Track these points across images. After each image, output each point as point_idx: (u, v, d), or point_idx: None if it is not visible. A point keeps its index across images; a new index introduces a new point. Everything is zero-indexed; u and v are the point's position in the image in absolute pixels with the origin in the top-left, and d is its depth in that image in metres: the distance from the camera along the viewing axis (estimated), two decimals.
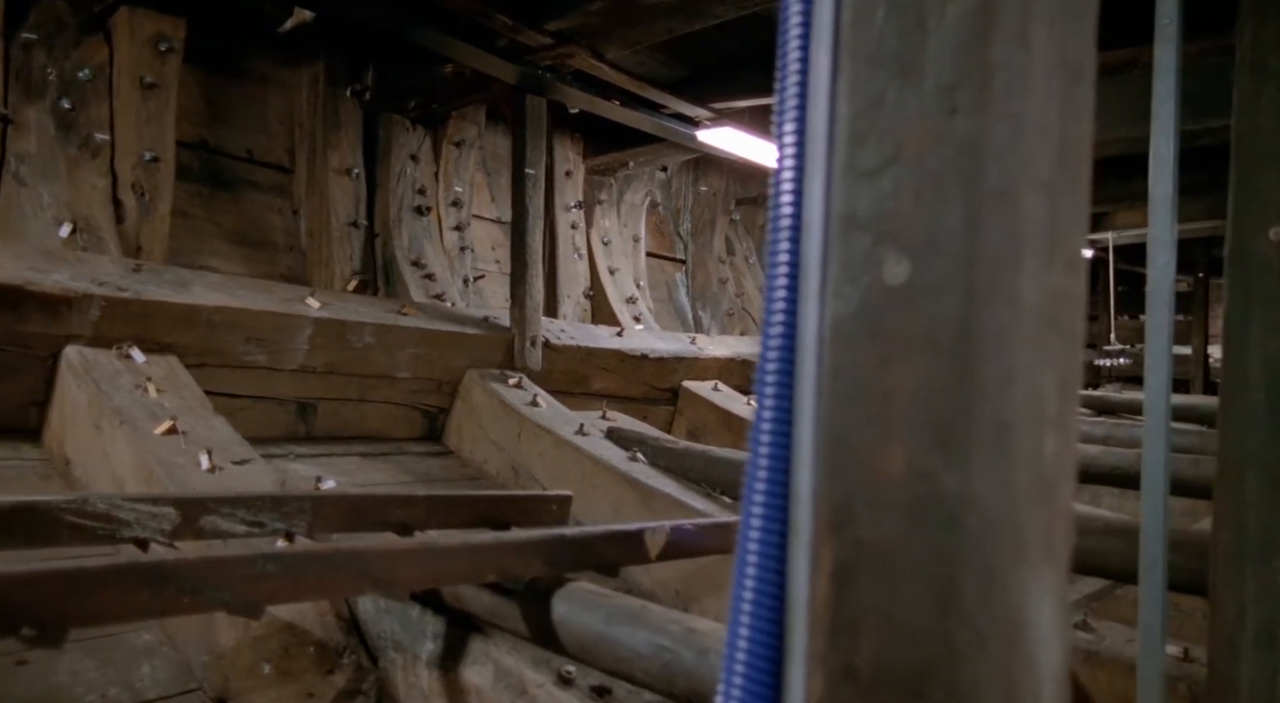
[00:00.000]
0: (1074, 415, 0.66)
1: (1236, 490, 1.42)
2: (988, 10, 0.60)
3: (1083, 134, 0.66)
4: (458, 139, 3.88)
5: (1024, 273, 0.61)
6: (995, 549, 0.60)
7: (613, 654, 1.20)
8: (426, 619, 1.51)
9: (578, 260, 4.52)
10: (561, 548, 1.40)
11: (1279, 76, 1.44)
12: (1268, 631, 1.37)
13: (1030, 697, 0.62)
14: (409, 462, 2.96)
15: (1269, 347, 1.41)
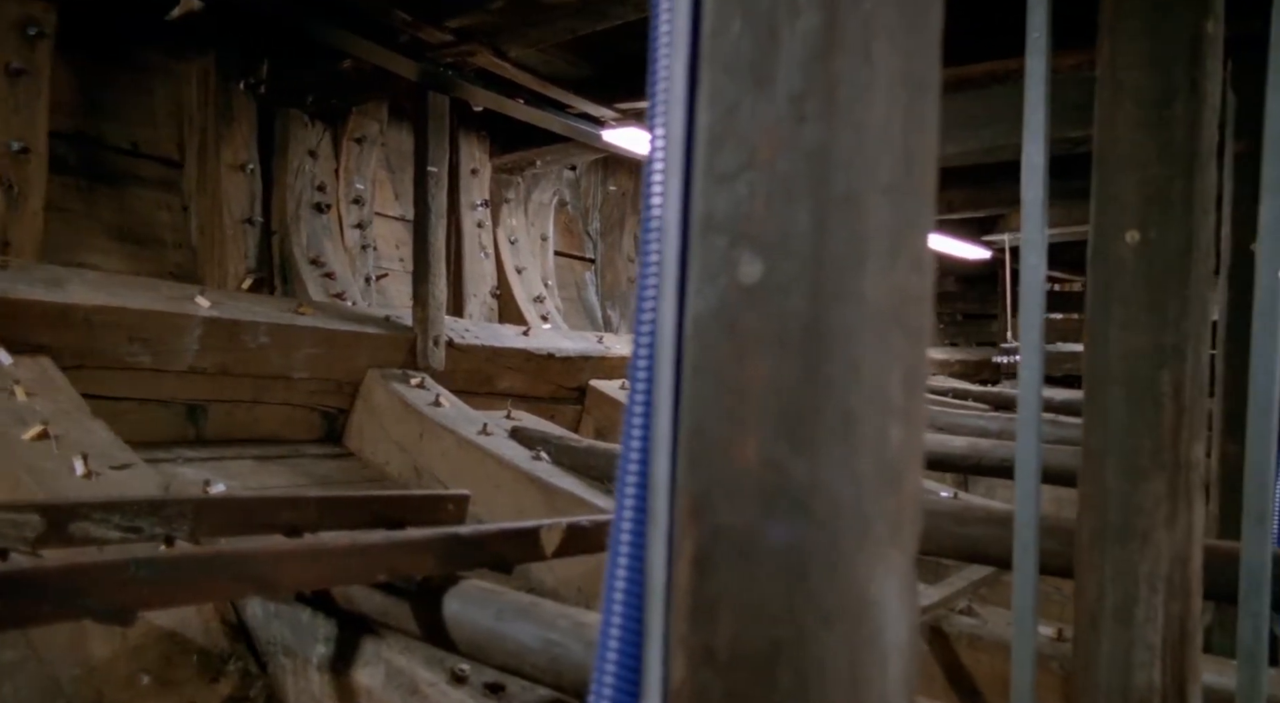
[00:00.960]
0: (920, 407, 0.71)
1: (1098, 478, 1.51)
2: (832, 25, 0.64)
3: (926, 143, 0.71)
4: (359, 135, 3.82)
5: (868, 273, 0.65)
6: (841, 534, 0.64)
7: (503, 650, 1.22)
8: (318, 622, 1.49)
9: (484, 259, 4.49)
10: (455, 546, 1.40)
11: (1134, 92, 1.54)
12: (1125, 608, 1.47)
13: (876, 671, 0.66)
14: (307, 464, 2.90)
15: (1126, 343, 1.51)
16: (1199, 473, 1.49)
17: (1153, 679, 1.44)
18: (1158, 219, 1.49)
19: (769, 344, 0.66)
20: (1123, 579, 1.46)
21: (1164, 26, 1.50)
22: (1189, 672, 1.47)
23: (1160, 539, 1.45)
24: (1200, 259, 1.49)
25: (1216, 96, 1.53)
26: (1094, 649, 1.48)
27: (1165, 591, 1.45)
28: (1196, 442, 1.49)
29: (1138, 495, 1.47)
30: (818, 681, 0.63)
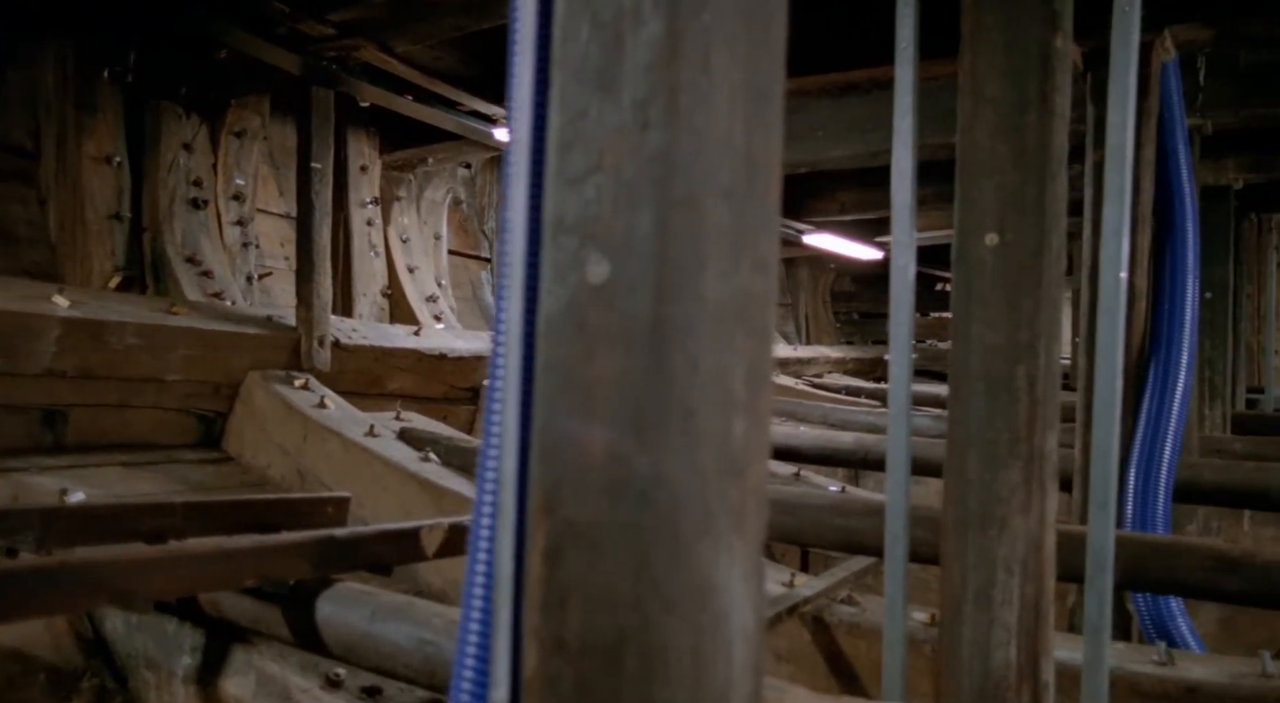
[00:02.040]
0: (765, 402, 0.75)
1: (960, 469, 1.60)
2: (674, 35, 0.67)
3: (769, 150, 0.75)
4: (238, 129, 3.69)
5: (709, 274, 0.69)
6: (683, 523, 0.67)
7: (376, 651, 1.22)
8: (184, 632, 1.45)
9: (374, 258, 4.41)
10: (329, 549, 1.38)
11: (993, 101, 1.64)
12: (985, 593, 1.56)
13: (721, 653, 0.70)
14: (181, 470, 2.80)
15: (986, 340, 1.60)
16: (1052, 462, 1.59)
17: (1009, 657, 1.54)
18: (1014, 223, 1.59)
19: (616, 342, 0.68)
20: (983, 564, 1.56)
21: (1018, 41, 1.60)
22: (1042, 649, 1.57)
23: (1017, 526, 1.55)
24: (1052, 261, 1.60)
25: (1066, 107, 1.64)
26: (957, 631, 1.57)
27: (1021, 574, 1.55)
28: (1050, 432, 1.59)
29: (997, 485, 1.57)
30: (662, 665, 0.66)
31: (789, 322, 9.36)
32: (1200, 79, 3.84)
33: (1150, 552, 1.83)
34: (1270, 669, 1.72)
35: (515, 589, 0.69)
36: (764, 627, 0.75)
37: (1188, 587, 1.84)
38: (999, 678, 1.54)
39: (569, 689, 0.67)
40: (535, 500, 0.71)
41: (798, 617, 2.07)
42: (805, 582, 2.20)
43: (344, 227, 4.28)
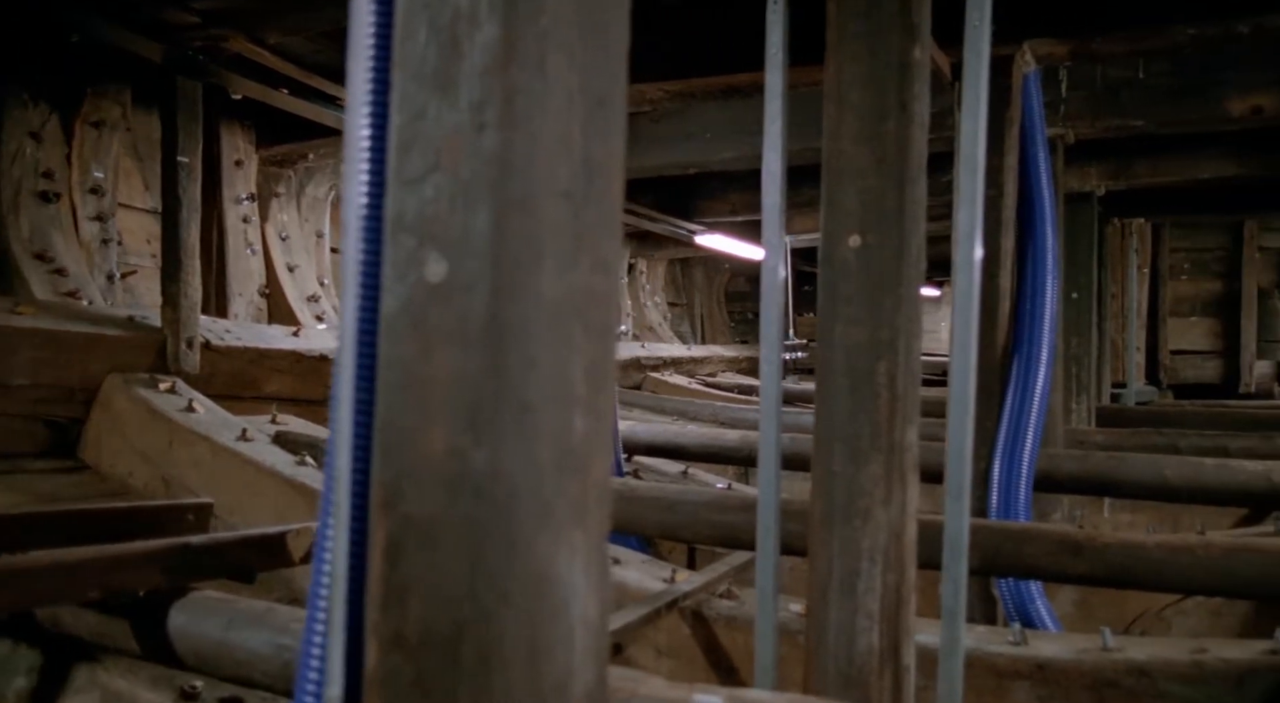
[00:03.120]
0: (607, 399, 0.78)
1: (826, 463, 1.68)
2: (510, 39, 0.70)
3: (610, 152, 0.77)
4: (96, 119, 3.51)
5: (545, 273, 0.71)
6: (520, 517, 0.69)
7: (233, 660, 1.19)
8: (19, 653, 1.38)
9: (250, 256, 4.27)
10: (184, 556, 1.34)
11: (856, 108, 1.72)
12: (849, 581, 1.64)
13: (560, 643, 0.72)
14: (29, 481, 2.65)
15: (850, 338, 1.68)
16: (912, 455, 1.68)
17: (872, 643, 1.62)
18: (875, 225, 1.68)
19: (453, 339, 0.70)
20: (847, 554, 1.63)
21: (878, 50, 1.68)
22: (903, 634, 1.66)
23: (879, 517, 1.63)
24: (912, 262, 1.69)
25: (925, 115, 1.74)
26: (823, 619, 1.64)
27: (883, 563, 1.63)
28: (909, 426, 1.68)
29: (860, 478, 1.65)
30: (499, 657, 0.68)
31: (684, 322, 9.49)
32: (1063, 91, 4.08)
33: (1004, 538, 1.95)
34: (1110, 644, 1.86)
35: (352, 586, 0.70)
36: (608, 617, 0.77)
37: (1039, 570, 1.97)
38: (862, 663, 1.62)
39: (407, 684, 0.69)
40: (375, 497, 0.72)
41: (677, 612, 2.11)
42: (686, 578, 2.25)
43: (218, 223, 4.13)
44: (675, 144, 4.73)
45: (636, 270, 8.33)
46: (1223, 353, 9.29)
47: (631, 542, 2.90)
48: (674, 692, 0.98)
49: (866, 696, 1.61)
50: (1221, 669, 1.77)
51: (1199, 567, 1.81)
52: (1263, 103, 3.79)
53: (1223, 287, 9.33)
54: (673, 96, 3.41)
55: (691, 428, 3.85)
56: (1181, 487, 2.90)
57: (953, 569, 1.66)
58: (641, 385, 6.32)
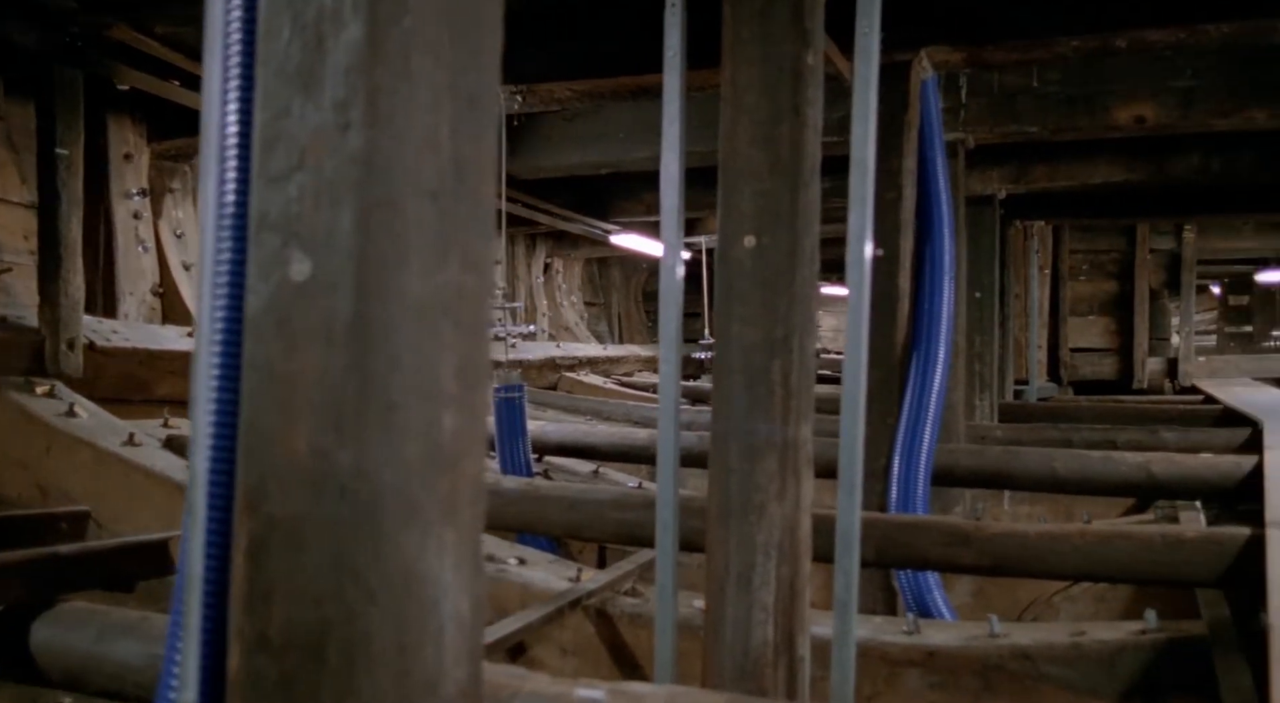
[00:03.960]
0: (480, 396, 0.79)
1: (723, 459, 1.71)
2: (374, 40, 0.70)
3: (480, 153, 0.78)
4: None
5: (411, 272, 0.72)
6: (386, 515, 0.70)
7: (102, 673, 1.16)
8: None
9: (143, 254, 4.11)
10: (49, 567, 1.29)
11: (751, 111, 1.76)
12: (745, 575, 1.68)
13: (430, 641, 0.73)
14: None
15: (744, 336, 1.72)
16: (806, 451, 1.73)
17: (767, 636, 1.66)
18: (770, 227, 1.72)
19: (317, 339, 0.70)
20: (744, 549, 1.67)
21: (772, 56, 1.73)
22: (798, 626, 1.71)
23: (773, 512, 1.68)
24: (805, 263, 1.74)
25: (818, 119, 1.79)
26: (720, 614, 1.68)
27: (778, 557, 1.68)
28: (804, 423, 1.73)
29: (755, 473, 1.69)
30: (365, 656, 0.69)
31: (602, 321, 9.52)
32: (963, 97, 4.23)
33: (897, 531, 2.03)
34: (996, 630, 1.95)
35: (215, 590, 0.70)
36: (483, 613, 0.78)
37: (930, 561, 2.05)
38: (758, 655, 1.66)
39: (271, 686, 0.69)
40: (239, 499, 0.72)
41: (582, 611, 2.13)
42: (591, 576, 2.27)
43: (105, 219, 3.96)
44: (589, 144, 4.75)
45: (553, 270, 8.32)
46: (1118, 350, 9.75)
47: (541, 542, 2.91)
48: (557, 687, 1.00)
49: (761, 687, 1.65)
50: (1096, 650, 1.87)
51: (1077, 554, 1.91)
52: (1145, 113, 4.00)
53: (1118, 287, 9.78)
54: (581, 96, 3.43)
55: (602, 427, 3.87)
56: (1070, 479, 3.04)
57: (845, 561, 1.72)
58: (557, 386, 6.32)
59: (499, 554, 2.32)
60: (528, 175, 5.12)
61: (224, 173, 0.76)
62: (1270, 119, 3.94)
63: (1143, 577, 2.00)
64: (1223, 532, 1.90)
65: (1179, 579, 1.91)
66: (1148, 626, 1.89)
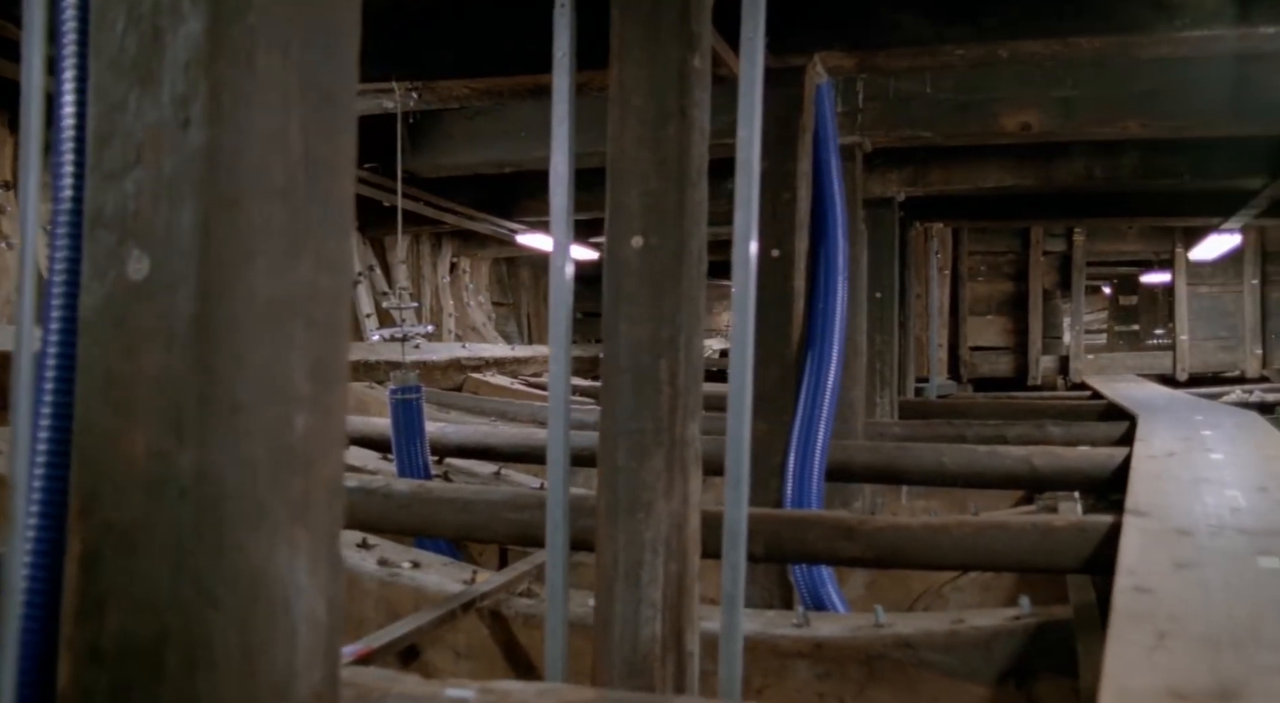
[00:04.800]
0: (337, 396, 0.78)
1: (611, 458, 1.73)
2: (214, 34, 0.69)
3: (337, 150, 0.78)
4: None
5: (257, 271, 0.71)
6: (230, 518, 0.69)
7: None
8: None
9: (4, 251, 3.92)
10: None
11: (638, 111, 1.78)
12: (633, 572, 1.70)
13: (281, 643, 0.72)
14: None
15: (632, 335, 1.74)
16: (694, 448, 1.77)
17: (655, 632, 1.69)
18: (657, 227, 1.75)
19: (158, 339, 0.69)
20: (632, 547, 1.70)
21: (658, 57, 1.76)
22: (686, 622, 1.74)
23: (661, 509, 1.71)
24: (692, 263, 1.77)
25: (705, 121, 1.82)
26: (610, 611, 1.70)
27: (665, 553, 1.70)
28: (691, 421, 1.76)
29: (643, 472, 1.71)
30: (207, 662, 0.68)
31: (511, 322, 9.45)
32: (860, 102, 4.35)
33: (785, 526, 2.08)
34: (882, 620, 2.02)
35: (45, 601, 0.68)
36: (341, 614, 0.78)
37: (818, 555, 2.11)
38: (646, 652, 1.69)
39: (105, 698, 0.67)
40: (73, 505, 0.70)
41: (475, 613, 2.12)
42: (486, 578, 2.26)
43: None
44: (491, 142, 4.71)
45: (460, 270, 8.22)
46: (1014, 349, 10.16)
47: (441, 545, 2.88)
48: (427, 688, 1.00)
49: (650, 683, 1.67)
50: (973, 636, 1.96)
51: (956, 545, 1.99)
52: (1031, 120, 4.18)
53: (1014, 288, 10.19)
54: (481, 94, 3.40)
55: (505, 428, 3.86)
56: (958, 473, 3.16)
57: (732, 556, 1.76)
58: (462, 387, 6.25)
59: (393, 558, 2.29)
60: (429, 173, 5.06)
61: (60, 166, 0.74)
62: (1143, 128, 4.17)
63: (1018, 565, 2.09)
64: (1089, 520, 2.01)
65: (1051, 566, 2.01)
66: (1021, 612, 1.99)
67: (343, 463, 0.80)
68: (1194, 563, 1.45)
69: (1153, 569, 1.42)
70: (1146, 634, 1.10)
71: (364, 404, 4.52)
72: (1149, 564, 1.45)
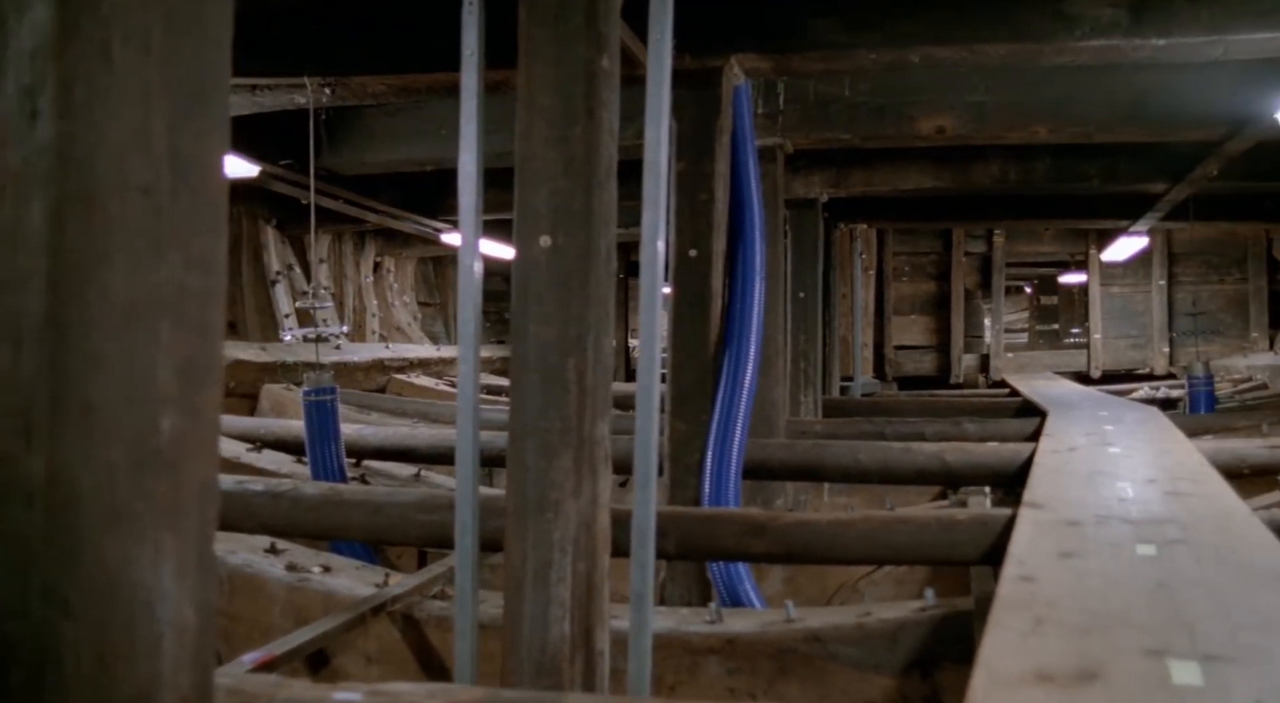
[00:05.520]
0: (208, 398, 0.77)
1: (520, 458, 1.73)
2: (65, 24, 0.67)
3: (207, 147, 0.76)
4: None
5: (116, 269, 0.69)
6: (84, 523, 0.67)
7: None
8: None
9: None
10: None
11: (545, 112, 1.78)
12: (542, 572, 1.70)
13: (144, 651, 0.71)
14: None
15: (541, 335, 1.74)
16: (603, 448, 1.77)
17: (564, 631, 1.69)
18: (565, 226, 1.75)
19: (4, 339, 0.67)
20: (541, 547, 1.70)
21: (565, 57, 1.76)
22: (596, 620, 1.75)
23: (569, 509, 1.71)
24: (601, 262, 1.78)
25: (613, 123, 1.83)
26: (518, 611, 1.69)
27: (573, 553, 1.71)
28: (600, 420, 1.77)
29: (551, 471, 1.71)
30: (58, 673, 0.66)
31: (438, 322, 9.35)
32: (780, 104, 4.42)
33: (698, 524, 2.10)
34: (793, 615, 2.05)
35: None
36: (212, 618, 0.77)
37: (728, 551, 2.14)
38: (555, 651, 1.69)
39: None
40: None
41: (387, 616, 2.10)
42: (399, 581, 2.24)
43: None
44: (412, 139, 4.66)
45: (384, 269, 8.11)
46: (938, 347, 10.41)
47: (357, 549, 2.84)
48: (314, 693, 0.99)
49: (559, 682, 1.68)
50: (879, 628, 2.01)
51: (862, 540, 2.04)
52: (945, 123, 4.29)
53: (937, 288, 10.45)
54: (398, 91, 3.37)
55: (425, 430, 3.82)
56: (873, 469, 3.24)
57: (641, 555, 1.77)
58: (386, 388, 6.16)
59: (302, 562, 2.26)
60: (350, 171, 4.98)
61: None
62: (1051, 133, 4.32)
63: (922, 558, 2.15)
64: (988, 514, 2.08)
65: (953, 559, 2.07)
66: (926, 604, 2.04)
67: (216, 465, 0.79)
68: (1078, 552, 1.51)
69: (1039, 559, 1.48)
70: (1024, 620, 1.14)
71: (281, 406, 4.43)
72: (1036, 554, 1.51)
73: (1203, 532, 1.62)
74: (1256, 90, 3.73)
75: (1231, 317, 9.79)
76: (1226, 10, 2.77)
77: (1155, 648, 1.03)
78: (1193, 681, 0.93)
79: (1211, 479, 2.21)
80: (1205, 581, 1.30)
